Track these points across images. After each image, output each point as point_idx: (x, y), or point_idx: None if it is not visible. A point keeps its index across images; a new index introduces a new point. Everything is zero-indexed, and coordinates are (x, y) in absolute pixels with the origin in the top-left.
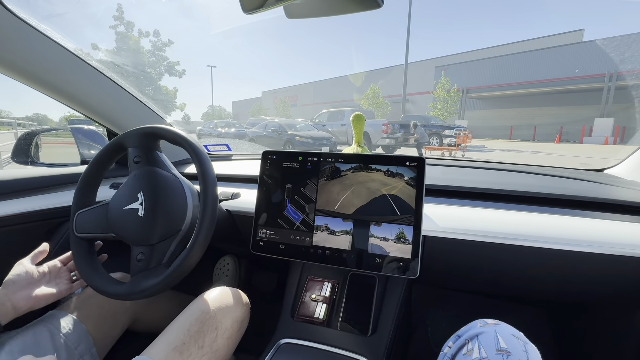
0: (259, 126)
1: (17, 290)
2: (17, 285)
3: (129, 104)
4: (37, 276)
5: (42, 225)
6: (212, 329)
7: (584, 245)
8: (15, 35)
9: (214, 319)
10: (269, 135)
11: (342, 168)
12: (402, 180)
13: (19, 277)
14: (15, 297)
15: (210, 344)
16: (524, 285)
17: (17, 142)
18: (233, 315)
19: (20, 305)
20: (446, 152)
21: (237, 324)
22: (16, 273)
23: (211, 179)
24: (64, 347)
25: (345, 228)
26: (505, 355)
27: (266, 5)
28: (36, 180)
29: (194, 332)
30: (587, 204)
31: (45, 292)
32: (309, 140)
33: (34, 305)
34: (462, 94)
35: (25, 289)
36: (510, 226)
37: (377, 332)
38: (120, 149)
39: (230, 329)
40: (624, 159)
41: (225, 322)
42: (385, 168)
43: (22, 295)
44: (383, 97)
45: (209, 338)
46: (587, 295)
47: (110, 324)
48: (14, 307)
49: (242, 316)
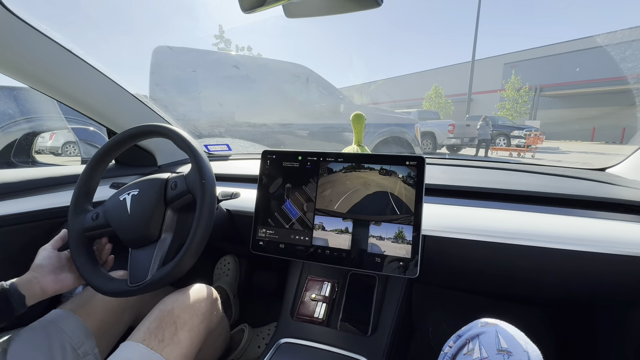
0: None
1: (46, 273)
2: (45, 269)
3: (129, 103)
4: (62, 261)
5: (42, 225)
6: (171, 324)
7: (585, 244)
8: (14, 35)
9: (171, 314)
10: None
11: (342, 168)
12: (402, 179)
13: (45, 261)
14: (44, 280)
15: (170, 337)
16: (525, 285)
17: (18, 142)
18: (192, 309)
19: (48, 287)
20: (514, 154)
21: (197, 317)
22: (43, 257)
23: (209, 180)
24: (67, 347)
25: (345, 227)
26: (506, 355)
27: (265, 4)
28: (36, 181)
29: (153, 329)
30: (589, 203)
31: (70, 276)
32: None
33: (60, 288)
34: (535, 92)
35: (53, 273)
36: (511, 226)
37: (377, 331)
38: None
39: (189, 322)
40: (625, 158)
41: (183, 316)
42: (386, 167)
43: (50, 279)
44: (445, 97)
45: (169, 332)
46: (588, 295)
47: (113, 323)
48: (42, 289)
49: (203, 309)
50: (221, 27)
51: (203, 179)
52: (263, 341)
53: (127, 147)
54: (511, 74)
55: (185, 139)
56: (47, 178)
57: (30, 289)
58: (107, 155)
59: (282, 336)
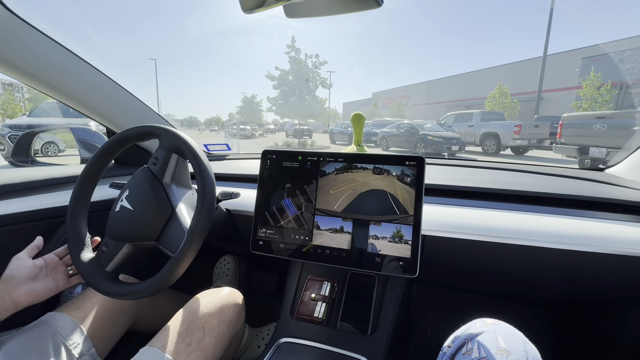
0: (390, 126)
1: (17, 285)
2: (16, 280)
3: (128, 102)
4: (35, 270)
5: (42, 225)
6: (199, 329)
7: (583, 244)
8: (14, 34)
9: (201, 319)
10: (400, 134)
11: (342, 168)
12: (402, 179)
13: (17, 271)
14: (15, 292)
15: (197, 342)
16: (523, 285)
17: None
18: (220, 315)
19: (21, 300)
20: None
21: (224, 323)
22: (14, 268)
23: (209, 180)
24: (62, 348)
25: (345, 227)
26: (505, 355)
27: (265, 5)
28: (36, 180)
29: (182, 332)
30: (587, 203)
31: (44, 286)
32: (440, 139)
33: (33, 299)
34: (619, 90)
35: (25, 284)
36: (509, 225)
37: (376, 331)
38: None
39: (217, 328)
40: (624, 158)
41: (212, 322)
42: (386, 167)
43: (22, 290)
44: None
45: (196, 337)
46: (587, 294)
47: (110, 325)
48: (13, 302)
49: (230, 315)
50: (293, 38)
51: (202, 179)
52: (263, 341)
53: (126, 147)
54: (590, 70)
55: (184, 139)
56: (47, 179)
57: (1, 304)
58: (105, 156)
59: (281, 336)
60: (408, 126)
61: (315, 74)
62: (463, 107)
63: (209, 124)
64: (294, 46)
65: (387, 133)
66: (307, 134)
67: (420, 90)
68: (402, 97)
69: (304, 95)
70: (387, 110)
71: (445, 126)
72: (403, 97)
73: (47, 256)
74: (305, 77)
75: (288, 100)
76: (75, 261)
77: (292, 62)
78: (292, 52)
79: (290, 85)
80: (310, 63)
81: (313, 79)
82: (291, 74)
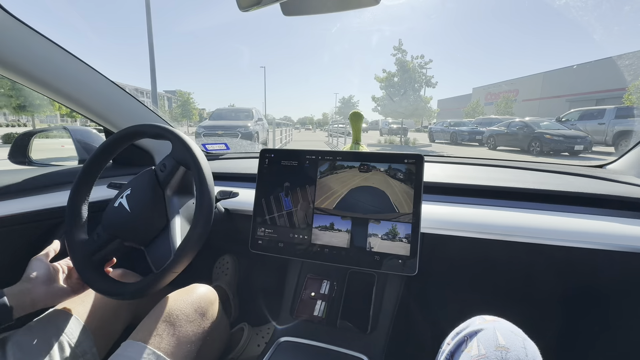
0: (499, 124)
1: (37, 285)
2: (38, 280)
3: (125, 102)
4: (53, 273)
5: (42, 225)
6: (170, 324)
7: (582, 240)
8: (10, 35)
9: (170, 314)
10: (511, 133)
11: (341, 166)
12: (401, 177)
13: (39, 272)
14: (36, 292)
15: (169, 336)
16: (522, 281)
17: (14, 142)
18: (191, 309)
19: (39, 300)
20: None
21: (195, 316)
22: (36, 268)
23: (207, 180)
24: (65, 346)
25: (344, 226)
26: (504, 352)
27: (262, 3)
28: (36, 180)
29: (153, 328)
30: (585, 199)
31: (62, 289)
32: (560, 138)
33: (51, 302)
34: None
35: (45, 285)
36: (508, 222)
37: (376, 329)
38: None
39: (188, 322)
40: (623, 155)
41: (181, 316)
42: (385, 166)
43: (42, 291)
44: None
45: (168, 331)
46: (586, 290)
47: (111, 322)
48: (32, 301)
49: (202, 309)
50: (400, 41)
51: (201, 178)
52: (263, 340)
53: (124, 147)
54: None
55: (182, 138)
56: (47, 178)
57: (19, 301)
58: (103, 156)
59: (281, 335)
60: (521, 124)
61: (420, 74)
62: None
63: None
64: (401, 48)
65: (495, 132)
66: (402, 132)
67: (534, 83)
68: (510, 91)
69: (408, 95)
70: (492, 107)
71: (567, 124)
72: (511, 91)
73: (63, 261)
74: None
75: (392, 99)
76: (75, 265)
77: (398, 64)
78: (399, 54)
79: (395, 86)
80: (416, 64)
81: (418, 79)
82: (397, 75)
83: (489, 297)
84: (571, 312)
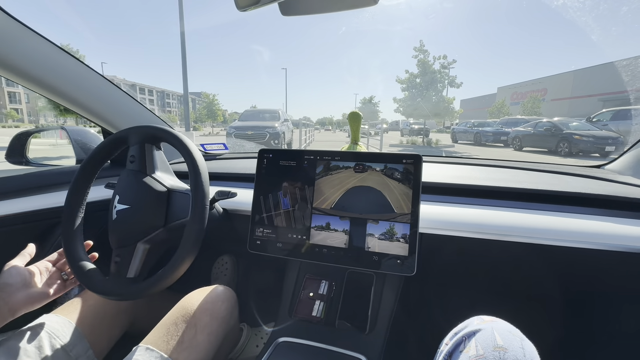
0: (525, 125)
1: (13, 292)
2: (12, 287)
3: (123, 103)
4: (30, 277)
5: (40, 225)
6: (191, 326)
7: (580, 240)
8: (9, 35)
9: (192, 317)
10: (538, 133)
11: (339, 166)
12: (399, 177)
13: (12, 278)
14: (12, 300)
15: (189, 339)
16: (521, 282)
17: (11, 142)
18: (212, 313)
19: (17, 307)
20: None
21: (216, 320)
22: (9, 275)
23: (203, 180)
24: (59, 350)
25: (342, 226)
26: (502, 352)
27: (260, 3)
28: (35, 180)
29: (173, 331)
30: (583, 199)
31: (40, 292)
32: (590, 139)
33: (30, 306)
34: None
35: (21, 291)
36: (506, 222)
37: (374, 329)
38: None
39: (209, 326)
40: (621, 155)
41: (204, 319)
42: (383, 166)
43: (18, 297)
44: None
45: (188, 334)
46: (584, 290)
47: (107, 327)
48: (10, 309)
49: (223, 313)
50: (421, 42)
51: (197, 178)
52: (261, 340)
53: (122, 148)
54: None
55: (179, 138)
56: (46, 178)
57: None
58: (100, 156)
59: (280, 335)
60: (549, 125)
61: (443, 74)
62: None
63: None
64: (422, 49)
65: (522, 132)
66: (423, 133)
67: (564, 81)
68: (538, 91)
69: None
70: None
71: (598, 124)
72: (539, 91)
73: (40, 263)
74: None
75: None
76: (72, 267)
77: (420, 65)
78: (420, 54)
79: (417, 87)
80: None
81: (441, 80)
82: (419, 76)
83: (487, 297)
84: (569, 312)
